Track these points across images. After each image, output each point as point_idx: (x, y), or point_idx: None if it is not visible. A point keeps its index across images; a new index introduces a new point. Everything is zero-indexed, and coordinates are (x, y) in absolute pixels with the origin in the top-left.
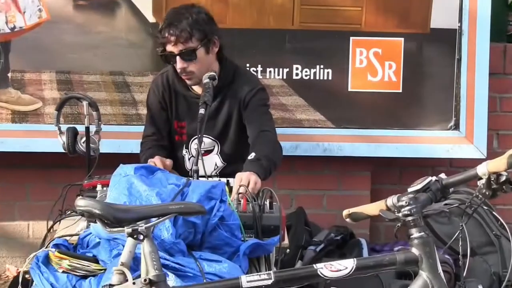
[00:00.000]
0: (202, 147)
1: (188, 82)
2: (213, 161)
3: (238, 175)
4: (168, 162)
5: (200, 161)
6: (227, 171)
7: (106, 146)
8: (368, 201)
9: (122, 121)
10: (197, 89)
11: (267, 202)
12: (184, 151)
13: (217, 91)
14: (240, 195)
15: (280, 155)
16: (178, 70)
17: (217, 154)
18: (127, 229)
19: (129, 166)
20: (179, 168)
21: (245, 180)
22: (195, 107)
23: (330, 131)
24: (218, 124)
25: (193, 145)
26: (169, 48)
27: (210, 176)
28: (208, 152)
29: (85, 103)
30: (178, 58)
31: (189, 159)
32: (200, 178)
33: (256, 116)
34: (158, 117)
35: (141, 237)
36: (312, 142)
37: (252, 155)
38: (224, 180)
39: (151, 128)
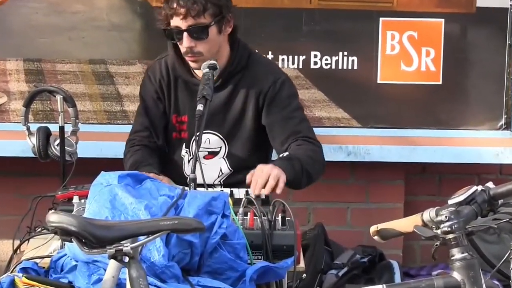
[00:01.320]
0: (206, 146)
1: (193, 64)
2: (218, 166)
3: (259, 167)
4: (166, 180)
5: (198, 167)
6: (234, 181)
7: (85, 149)
8: (401, 216)
9: (104, 120)
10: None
11: (279, 217)
12: (183, 152)
13: (228, 76)
14: (245, 208)
15: (320, 171)
16: (183, 50)
17: (223, 157)
18: (110, 250)
19: (112, 173)
20: (175, 173)
21: (265, 174)
22: (196, 98)
23: (356, 132)
24: (228, 118)
25: (195, 144)
26: (176, 21)
27: (212, 186)
28: (212, 154)
29: (59, 97)
30: (185, 34)
31: (189, 161)
32: (198, 188)
33: (294, 124)
34: (153, 110)
35: (127, 259)
36: (333, 145)
37: (284, 154)
38: (227, 190)
39: (143, 122)
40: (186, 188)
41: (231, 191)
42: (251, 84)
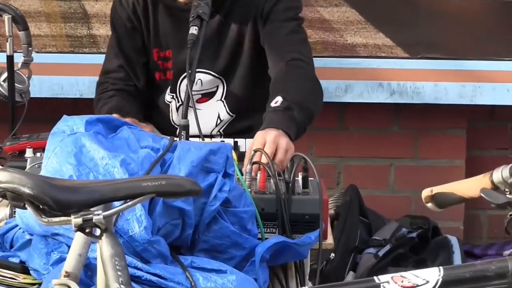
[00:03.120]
0: (197, 88)
1: None
2: (215, 111)
3: (259, 135)
4: (149, 128)
5: (191, 111)
6: (237, 128)
7: (41, 86)
8: (462, 176)
9: (66, 47)
10: None
11: (299, 178)
12: (168, 97)
13: (219, 2)
14: (255, 165)
15: (321, 99)
16: None
17: (221, 100)
18: (75, 219)
19: (78, 118)
20: (160, 122)
21: (269, 145)
22: (185, 26)
23: (401, 63)
24: (223, 51)
25: (184, 86)
26: None
27: (210, 136)
28: (207, 96)
29: (6, 17)
30: None
31: (177, 109)
32: (192, 139)
33: (281, 36)
34: (127, 43)
35: (98, 231)
36: (371, 81)
37: (277, 100)
38: (230, 141)
39: (116, 60)
40: (176, 138)
41: (235, 142)
42: (247, 3)
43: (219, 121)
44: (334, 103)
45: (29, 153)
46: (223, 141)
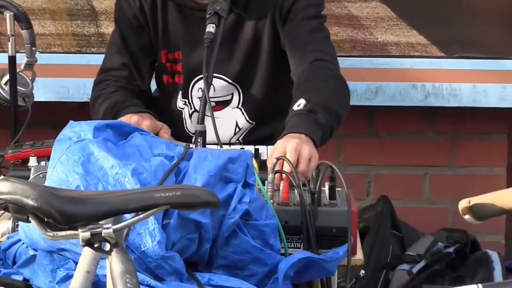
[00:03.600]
0: (212, 95)
1: None
2: (233, 119)
3: (279, 143)
4: (164, 131)
5: (209, 117)
6: (258, 136)
7: (45, 89)
8: (503, 185)
9: (73, 47)
10: None
11: (326, 188)
12: (180, 103)
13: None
14: (278, 174)
15: (348, 100)
16: None
17: (238, 107)
18: (83, 233)
19: (85, 124)
20: (173, 130)
21: (291, 154)
22: (196, 26)
23: (437, 63)
24: (236, 54)
25: (196, 91)
26: None
27: (228, 144)
28: (222, 104)
29: (8, 14)
30: None
31: (190, 115)
32: (209, 146)
33: (303, 35)
34: (133, 41)
35: (107, 246)
36: (404, 83)
37: (300, 103)
38: (250, 148)
39: (119, 57)
40: (192, 145)
41: (256, 150)
42: (264, 0)
43: (237, 129)
44: (364, 106)
45: (32, 161)
46: (243, 148)
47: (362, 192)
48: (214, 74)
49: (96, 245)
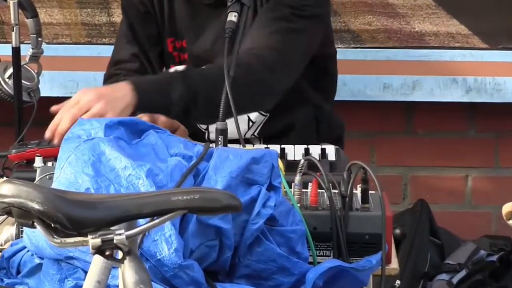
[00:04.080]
0: None
1: None
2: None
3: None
4: (181, 133)
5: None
6: (274, 128)
7: (53, 84)
8: None
9: (83, 37)
10: None
11: (358, 190)
12: None
13: None
14: (304, 176)
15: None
16: None
17: None
18: (93, 240)
19: (96, 121)
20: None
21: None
22: (203, 13)
23: (479, 55)
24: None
25: None
26: None
27: (249, 142)
28: None
29: (11, 2)
30: None
31: None
32: (230, 145)
33: (260, 20)
34: (141, 29)
35: (119, 254)
36: (444, 76)
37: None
38: (275, 147)
39: (129, 47)
40: (212, 144)
41: (282, 149)
42: None
43: (250, 123)
44: (400, 102)
45: (38, 162)
46: (268, 147)
47: (398, 195)
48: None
49: (107, 253)
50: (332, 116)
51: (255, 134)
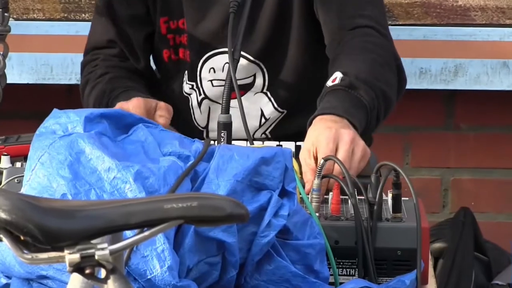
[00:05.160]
0: (224, 77)
1: None
2: (256, 108)
3: (311, 132)
4: (160, 113)
5: (236, 102)
6: (291, 128)
7: (22, 68)
8: None
9: (58, 12)
10: None
11: (389, 197)
12: (187, 87)
13: None
14: (324, 179)
15: (397, 83)
16: None
17: (263, 91)
18: (71, 255)
19: (73, 112)
20: (178, 124)
21: (327, 146)
22: None
23: None
24: (260, 25)
25: (207, 71)
26: None
27: (258, 139)
28: (242, 89)
29: None
30: None
31: (199, 104)
32: (235, 142)
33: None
34: (123, 8)
35: (102, 273)
36: (492, 60)
37: (335, 77)
38: (289, 145)
39: (104, 33)
40: (212, 142)
41: (297, 147)
42: None
43: (263, 120)
44: (439, 90)
45: (4, 162)
46: (280, 145)
47: (437, 202)
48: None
49: (87, 271)
50: None
51: (267, 133)
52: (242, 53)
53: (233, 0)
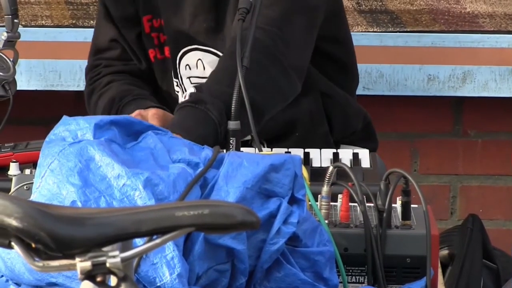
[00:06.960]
0: (200, 74)
1: None
2: None
3: None
4: (153, 112)
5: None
6: (271, 127)
7: (31, 75)
8: None
9: (66, 19)
10: None
11: (398, 204)
12: (174, 84)
13: None
14: (333, 186)
15: (273, 82)
16: None
17: None
18: (82, 263)
19: (83, 119)
20: None
21: None
22: None
23: None
24: (227, 21)
25: (184, 68)
26: None
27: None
28: None
29: None
30: None
31: None
32: (244, 149)
33: None
34: (115, 9)
35: (113, 280)
36: (500, 67)
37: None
38: (298, 152)
39: (107, 32)
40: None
41: (306, 154)
42: None
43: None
44: (448, 97)
45: (14, 169)
46: (289, 152)
47: (445, 209)
48: (202, 47)
49: (98, 279)
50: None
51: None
52: (212, 49)
53: (242, 7)
